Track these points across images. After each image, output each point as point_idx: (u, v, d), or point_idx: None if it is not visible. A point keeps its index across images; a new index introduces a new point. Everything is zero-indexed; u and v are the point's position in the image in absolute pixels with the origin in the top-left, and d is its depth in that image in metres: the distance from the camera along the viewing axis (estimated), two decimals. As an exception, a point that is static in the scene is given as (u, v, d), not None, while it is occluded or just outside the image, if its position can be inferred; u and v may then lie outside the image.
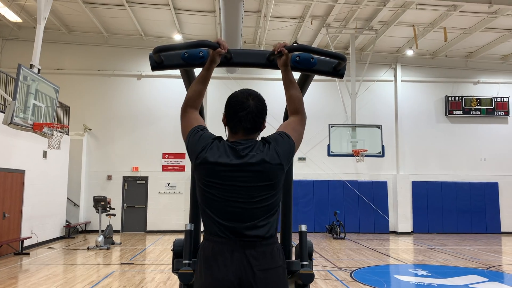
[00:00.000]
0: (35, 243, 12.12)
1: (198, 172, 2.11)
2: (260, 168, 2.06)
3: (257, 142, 2.14)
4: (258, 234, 2.05)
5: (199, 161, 2.09)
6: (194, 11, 14.72)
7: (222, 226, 2.05)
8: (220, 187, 2.06)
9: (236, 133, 2.17)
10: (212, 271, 2.01)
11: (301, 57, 2.43)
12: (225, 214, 2.05)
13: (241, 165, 2.06)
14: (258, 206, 2.06)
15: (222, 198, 2.06)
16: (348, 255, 11.30)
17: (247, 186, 2.06)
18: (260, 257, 2.02)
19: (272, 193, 2.10)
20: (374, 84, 17.85)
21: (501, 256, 11.53)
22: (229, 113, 2.18)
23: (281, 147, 2.14)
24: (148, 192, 16.61)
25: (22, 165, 11.45)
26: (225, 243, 2.03)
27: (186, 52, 2.39)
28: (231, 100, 2.20)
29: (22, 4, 13.60)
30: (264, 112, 2.21)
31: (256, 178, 2.06)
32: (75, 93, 16.28)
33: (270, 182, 2.08)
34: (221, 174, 2.06)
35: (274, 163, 2.09)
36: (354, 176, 17.36)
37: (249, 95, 2.18)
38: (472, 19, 14.51)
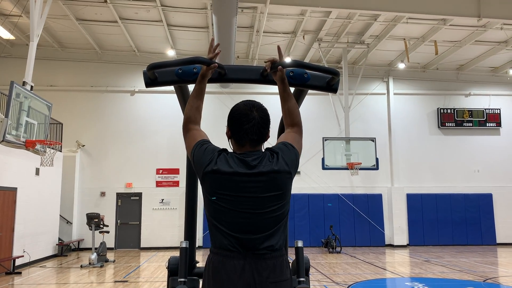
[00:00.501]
0: (27, 262, 11.93)
1: (207, 184, 2.10)
2: (271, 178, 2.08)
3: (265, 153, 2.16)
4: (269, 245, 2.05)
5: (208, 171, 2.08)
6: (187, 27, 14.82)
7: (233, 238, 2.04)
8: (230, 199, 2.06)
9: (243, 145, 2.17)
10: (222, 285, 2.00)
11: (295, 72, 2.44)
12: (235, 226, 2.05)
13: (252, 175, 2.07)
14: (268, 217, 2.07)
15: (232, 209, 2.05)
16: (345, 269, 11.22)
17: (257, 197, 2.06)
18: (270, 270, 2.03)
19: (282, 203, 2.11)
20: (367, 97, 17.97)
21: (497, 268, 11.51)
22: (234, 126, 2.18)
23: (288, 157, 2.17)
24: (142, 208, 16.47)
25: (14, 182, 11.33)
26: (235, 257, 2.03)
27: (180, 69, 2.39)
28: (234, 113, 2.19)
29: (15, 22, 13.63)
30: (269, 122, 2.23)
31: (267, 188, 2.07)
32: (68, 110, 16.23)
33: (280, 192, 2.10)
34: (231, 185, 2.06)
35: (284, 172, 2.11)
36: (349, 189, 17.35)
37: (253, 107, 2.19)
38: (462, 32, 14.72)
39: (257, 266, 2.01)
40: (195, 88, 2.31)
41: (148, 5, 13.14)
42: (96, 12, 13.71)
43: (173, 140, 16.36)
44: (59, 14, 13.53)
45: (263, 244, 2.04)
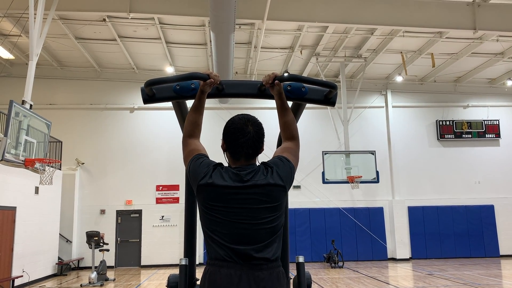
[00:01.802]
0: (26, 282, 11.80)
1: (201, 196, 2.12)
2: (265, 191, 2.09)
3: (260, 166, 2.18)
4: (265, 256, 2.06)
5: (203, 183, 2.10)
6: (186, 44, 14.94)
7: (229, 250, 2.04)
8: (225, 210, 2.07)
9: (238, 159, 2.18)
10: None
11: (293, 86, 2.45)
12: (231, 237, 2.05)
13: (245, 188, 2.08)
14: (263, 228, 2.08)
15: (227, 220, 2.06)
16: (347, 285, 11.10)
17: (252, 208, 2.07)
18: (267, 280, 2.03)
19: (276, 215, 2.12)
20: (366, 111, 18.02)
21: (501, 280, 11.39)
22: (229, 140, 2.20)
23: (282, 171, 2.18)
24: (142, 226, 16.37)
25: (13, 201, 11.28)
26: (232, 267, 2.03)
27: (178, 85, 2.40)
28: (230, 127, 2.21)
29: (15, 42, 13.73)
30: (263, 136, 2.25)
31: (261, 200, 2.09)
32: (68, 128, 16.25)
33: (275, 204, 2.11)
34: (226, 197, 2.07)
35: (278, 186, 2.13)
36: (350, 203, 17.27)
37: (248, 121, 2.21)
38: (458, 44, 14.84)
39: (254, 277, 2.02)
40: (195, 103, 2.33)
41: (147, 23, 13.26)
42: (95, 31, 13.83)
43: (173, 156, 16.34)
44: (58, 33, 13.65)
45: (258, 255, 2.05)
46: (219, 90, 2.43)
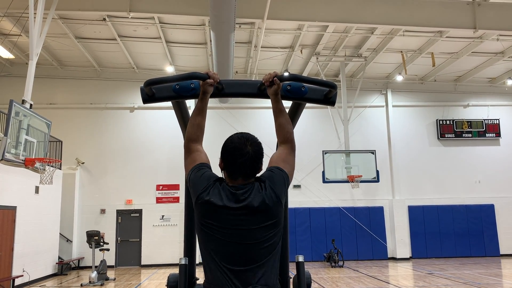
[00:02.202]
0: (26, 282, 11.81)
1: (198, 211, 2.10)
2: (261, 209, 2.06)
3: (255, 184, 2.13)
4: (262, 283, 2.02)
5: (200, 201, 2.09)
6: (186, 44, 14.93)
7: (225, 271, 2.01)
8: (221, 230, 2.04)
9: (236, 179, 2.15)
10: None
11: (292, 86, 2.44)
12: (226, 256, 2.03)
13: (241, 209, 2.05)
14: (261, 247, 2.05)
15: (223, 240, 2.04)
16: (348, 284, 11.10)
17: (249, 229, 2.04)
18: None
19: (275, 231, 2.10)
20: (366, 110, 18.01)
21: (501, 280, 11.39)
22: (227, 160, 2.16)
23: (276, 184, 2.15)
24: (142, 225, 16.37)
25: (13, 201, 11.28)
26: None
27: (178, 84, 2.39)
28: (228, 146, 2.17)
29: (15, 41, 13.73)
30: (262, 156, 2.21)
31: (258, 220, 2.06)
32: (68, 127, 16.25)
33: (273, 221, 2.08)
34: (222, 217, 2.04)
35: (274, 202, 2.09)
36: (350, 202, 17.27)
37: (247, 141, 2.16)
38: (459, 44, 14.83)
39: None
40: (197, 106, 2.32)
41: (147, 23, 13.26)
42: (95, 30, 13.82)
43: (173, 156, 16.34)
44: (58, 32, 13.64)
45: (256, 278, 2.01)
46: (219, 89, 2.43)
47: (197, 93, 2.39)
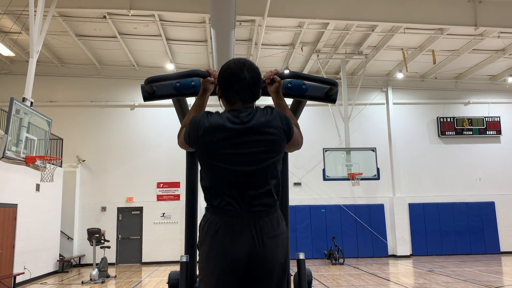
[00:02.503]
0: (27, 279, 11.83)
1: (202, 143, 2.10)
2: (264, 132, 2.08)
3: (258, 108, 2.15)
4: (265, 203, 2.08)
5: (202, 128, 2.09)
6: (186, 41, 14.91)
7: (229, 197, 2.05)
8: (224, 157, 2.06)
9: (234, 103, 2.15)
10: (222, 245, 2.02)
11: (293, 83, 2.44)
12: (231, 184, 2.06)
13: (244, 130, 2.07)
14: (262, 172, 2.08)
15: (227, 168, 2.06)
16: (348, 281, 11.12)
17: (251, 152, 2.07)
18: (268, 226, 2.06)
19: (275, 158, 2.12)
20: (366, 108, 18.00)
21: (502, 277, 11.40)
22: (224, 86, 2.16)
23: (283, 116, 2.18)
24: (143, 223, 16.39)
25: (14, 199, 11.29)
26: (233, 216, 2.04)
27: (178, 82, 2.40)
28: (224, 72, 2.16)
29: (15, 39, 13.72)
30: (260, 81, 2.20)
31: (260, 143, 2.08)
32: (68, 125, 16.26)
33: (274, 146, 2.11)
34: (225, 142, 2.06)
35: (278, 125, 2.12)
36: (350, 200, 17.28)
37: (243, 66, 2.15)
38: (459, 41, 14.80)
39: (255, 224, 2.04)
40: (196, 102, 2.32)
41: (147, 20, 13.24)
42: (95, 28, 13.81)
43: (173, 154, 16.35)
44: (59, 30, 13.63)
45: (258, 201, 2.06)
46: (220, 87, 2.43)
47: (198, 91, 2.39)
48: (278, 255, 2.07)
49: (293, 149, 2.31)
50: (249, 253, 2.01)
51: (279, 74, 2.31)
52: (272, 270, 2.05)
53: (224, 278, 2.02)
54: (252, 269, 2.03)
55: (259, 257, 2.02)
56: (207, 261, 2.05)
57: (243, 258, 2.01)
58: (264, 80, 2.35)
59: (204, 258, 2.07)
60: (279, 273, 2.08)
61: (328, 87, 2.46)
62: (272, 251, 2.04)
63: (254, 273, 2.04)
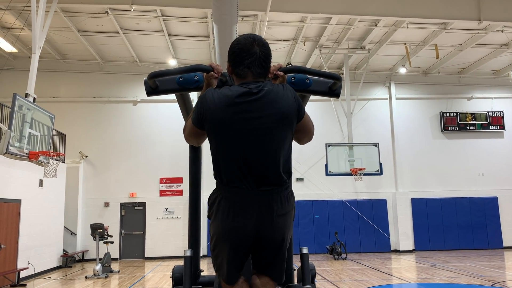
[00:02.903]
0: (32, 274, 11.90)
1: (210, 115, 2.09)
2: (275, 102, 2.08)
3: (269, 82, 2.16)
4: (275, 181, 2.09)
5: (212, 99, 2.09)
6: (188, 37, 14.89)
7: (238, 173, 2.07)
8: (233, 131, 2.06)
9: (245, 76, 2.16)
10: (233, 221, 2.07)
11: (297, 78, 2.44)
12: (239, 159, 2.07)
13: (255, 101, 2.07)
14: (273, 148, 2.08)
15: (235, 142, 2.07)
16: (351, 276, 11.14)
17: (261, 127, 2.06)
18: (278, 205, 2.09)
19: (286, 134, 2.12)
20: (369, 103, 17.96)
21: (505, 272, 11.40)
22: (234, 61, 2.17)
23: (294, 93, 2.18)
24: (146, 218, 16.44)
25: (18, 194, 11.34)
26: (244, 193, 2.06)
27: (181, 77, 2.39)
28: (235, 47, 2.17)
29: (17, 35, 13.73)
30: (270, 56, 2.21)
31: (271, 116, 2.07)
32: (71, 121, 16.28)
33: (285, 120, 2.10)
34: (236, 116, 2.05)
35: (290, 98, 2.12)
36: (353, 195, 17.28)
37: (254, 41, 2.17)
38: (463, 36, 14.73)
39: (265, 203, 2.07)
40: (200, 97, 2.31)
41: (149, 15, 13.22)
42: (97, 24, 13.79)
43: (176, 149, 16.36)
44: (61, 26, 13.62)
45: (269, 179, 2.08)
46: (223, 82, 2.42)
47: (201, 86, 2.39)
48: (286, 230, 2.14)
49: (304, 136, 2.29)
50: (258, 230, 2.08)
51: (282, 68, 2.30)
52: (278, 243, 2.14)
53: (233, 250, 2.11)
54: (260, 243, 2.12)
55: (267, 234, 2.09)
56: (217, 235, 2.14)
57: (251, 234, 2.08)
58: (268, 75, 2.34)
59: (214, 232, 2.16)
60: (285, 245, 2.18)
61: (332, 82, 2.45)
62: (281, 227, 2.11)
63: (262, 247, 2.13)
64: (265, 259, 2.17)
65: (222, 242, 2.12)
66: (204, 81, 2.34)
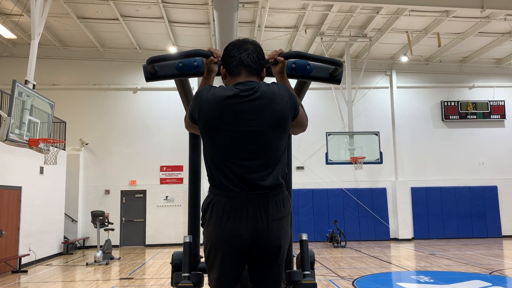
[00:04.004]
0: (33, 261, 11.98)
1: (203, 116, 2.07)
2: (270, 100, 2.05)
3: (263, 82, 2.14)
4: (270, 184, 2.04)
5: (205, 99, 2.07)
6: (189, 23, 14.78)
7: (234, 177, 2.03)
8: (228, 134, 2.03)
9: (239, 74, 2.15)
10: (226, 226, 2.01)
11: (297, 64, 2.41)
12: (233, 162, 2.03)
13: (249, 103, 2.04)
14: (267, 151, 2.05)
15: (231, 145, 2.03)
16: (350, 264, 11.21)
17: (255, 129, 2.03)
18: (273, 208, 2.05)
19: (280, 136, 2.09)
20: (370, 91, 17.90)
21: (503, 260, 11.47)
22: (228, 57, 2.18)
23: (289, 91, 2.16)
24: (146, 206, 16.50)
25: (18, 181, 11.36)
26: (237, 197, 2.02)
27: (181, 62, 2.37)
28: (228, 46, 2.20)
29: (16, 21, 13.62)
30: (264, 57, 2.22)
31: (265, 118, 2.04)
32: (71, 108, 16.24)
33: (279, 121, 2.07)
34: (228, 117, 2.03)
35: (284, 97, 2.09)
36: (353, 183, 17.31)
37: (247, 40, 2.21)
38: (465, 24, 14.61)
39: (259, 206, 2.02)
40: (200, 85, 2.29)
41: (149, 2, 13.10)
42: (97, 10, 13.68)
43: (177, 137, 16.35)
44: (60, 12, 13.51)
45: (263, 183, 2.03)
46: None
47: (200, 71, 2.36)
48: (282, 236, 2.07)
49: (298, 130, 2.28)
50: (253, 236, 2.01)
51: (283, 54, 2.28)
52: (275, 251, 2.06)
53: (228, 259, 2.04)
54: (256, 251, 2.04)
55: (263, 239, 2.02)
56: (211, 242, 2.07)
57: (246, 240, 2.01)
58: (268, 60, 2.31)
59: (208, 239, 2.08)
60: (282, 253, 2.10)
61: (333, 68, 2.42)
62: (276, 233, 2.04)
63: (258, 254, 2.05)
64: (261, 270, 2.09)
65: (215, 249, 2.05)
66: (203, 66, 2.32)
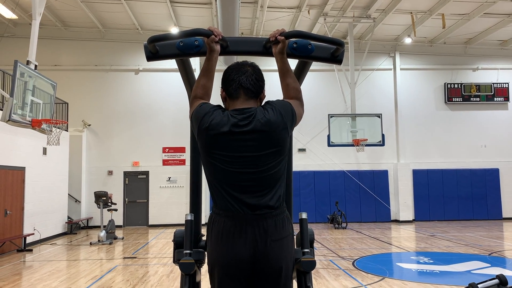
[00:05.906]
0: (37, 240, 12.15)
1: (203, 141, 2.11)
2: (266, 133, 2.07)
3: (259, 108, 2.16)
4: (269, 204, 2.08)
5: (203, 127, 2.10)
6: (190, 4, 14.63)
7: (232, 199, 2.07)
8: (226, 159, 2.07)
9: (237, 98, 2.18)
10: (225, 246, 2.05)
11: (298, 43, 2.40)
12: (234, 187, 2.07)
13: (246, 133, 2.06)
14: (266, 175, 2.08)
15: (229, 169, 2.07)
16: (350, 244, 11.32)
17: (253, 155, 2.07)
18: (272, 229, 2.07)
19: (279, 159, 2.12)
20: (373, 73, 17.78)
21: (503, 242, 11.56)
22: (227, 80, 2.21)
23: (283, 109, 2.16)
24: (149, 187, 16.62)
25: (22, 162, 11.44)
26: (237, 217, 2.06)
27: (181, 41, 2.36)
28: (228, 69, 2.23)
29: (17, 1, 13.51)
30: (263, 78, 2.25)
31: (262, 145, 2.07)
32: (73, 89, 16.23)
33: (277, 148, 2.10)
34: (226, 144, 2.06)
35: (279, 124, 2.10)
36: (354, 166, 17.35)
37: (246, 63, 2.24)
38: (470, 4, 14.41)
39: (259, 226, 2.05)
40: (203, 66, 2.30)
41: (150, -18, 12.95)
42: (98, -10, 13.55)
43: (179, 118, 16.36)
44: (61, -8, 13.39)
45: (263, 203, 2.07)
46: (224, 47, 2.39)
47: (201, 51, 2.36)
48: (283, 258, 2.08)
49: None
50: (253, 256, 2.04)
51: (284, 33, 2.26)
52: (276, 273, 2.07)
53: (228, 279, 2.06)
54: (257, 272, 2.06)
55: (262, 260, 2.04)
56: (211, 262, 2.12)
57: (246, 261, 2.03)
58: (269, 39, 2.31)
59: (209, 259, 2.14)
60: (284, 276, 2.10)
61: (335, 48, 2.41)
62: (276, 254, 2.05)
63: (259, 276, 2.07)
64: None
65: (216, 269, 2.07)
66: (205, 46, 2.31)
